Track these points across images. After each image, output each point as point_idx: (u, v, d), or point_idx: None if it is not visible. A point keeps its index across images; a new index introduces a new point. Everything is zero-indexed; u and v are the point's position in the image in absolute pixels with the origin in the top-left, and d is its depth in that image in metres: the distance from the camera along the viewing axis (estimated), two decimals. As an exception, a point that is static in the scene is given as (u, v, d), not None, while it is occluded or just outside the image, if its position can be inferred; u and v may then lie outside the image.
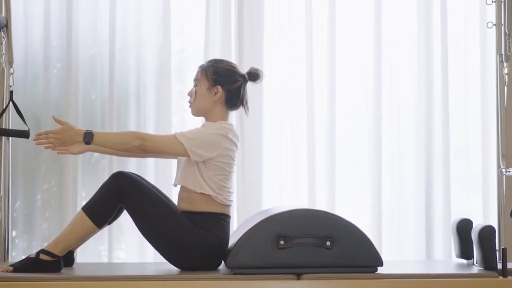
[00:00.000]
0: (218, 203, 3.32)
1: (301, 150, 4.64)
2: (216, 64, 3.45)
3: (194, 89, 3.46)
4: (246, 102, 3.49)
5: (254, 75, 3.48)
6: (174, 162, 4.54)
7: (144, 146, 3.25)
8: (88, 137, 3.23)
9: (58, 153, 3.40)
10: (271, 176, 4.64)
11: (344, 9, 4.71)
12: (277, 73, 4.67)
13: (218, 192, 3.31)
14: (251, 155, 4.55)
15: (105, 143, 3.27)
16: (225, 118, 3.44)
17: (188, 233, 3.24)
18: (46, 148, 3.32)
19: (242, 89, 3.45)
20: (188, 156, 3.27)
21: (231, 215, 3.41)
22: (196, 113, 3.48)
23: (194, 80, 3.48)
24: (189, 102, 3.48)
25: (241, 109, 3.49)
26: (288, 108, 4.65)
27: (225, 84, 3.40)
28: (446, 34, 4.66)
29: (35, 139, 3.30)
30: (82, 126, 4.57)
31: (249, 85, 3.50)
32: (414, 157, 4.67)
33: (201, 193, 3.30)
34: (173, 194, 4.38)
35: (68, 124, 3.27)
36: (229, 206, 3.37)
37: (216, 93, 3.40)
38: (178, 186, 3.42)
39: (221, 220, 3.32)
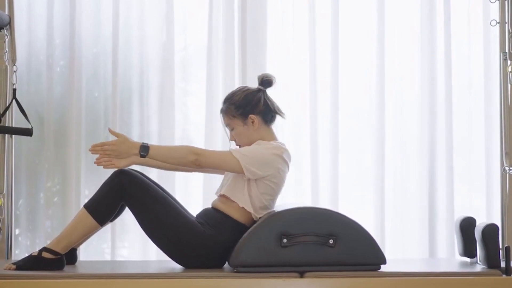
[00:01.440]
0: (251, 218, 3.32)
1: (304, 149, 4.63)
2: (232, 100, 3.42)
3: (232, 133, 3.44)
4: (279, 109, 3.48)
5: (266, 82, 3.48)
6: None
7: (199, 162, 3.23)
8: (144, 150, 3.20)
9: (104, 167, 3.28)
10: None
11: (347, 6, 4.71)
12: (280, 70, 4.66)
13: (259, 212, 3.31)
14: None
15: (160, 156, 3.24)
16: (273, 136, 3.44)
17: (191, 231, 3.23)
18: (97, 161, 3.25)
19: (267, 100, 3.44)
20: (242, 172, 3.25)
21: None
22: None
23: (225, 125, 3.45)
24: (237, 145, 3.45)
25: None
26: (291, 105, 4.64)
27: (253, 109, 3.39)
28: (449, 32, 4.65)
29: (91, 150, 3.24)
30: (85, 123, 4.58)
31: (252, 83, 3.48)
32: (417, 155, 4.66)
33: (242, 207, 3.30)
34: (176, 192, 4.39)
35: (123, 137, 3.23)
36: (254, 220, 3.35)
37: (253, 122, 3.39)
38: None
39: (238, 227, 3.31)
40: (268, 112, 3.43)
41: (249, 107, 3.39)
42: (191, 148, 3.26)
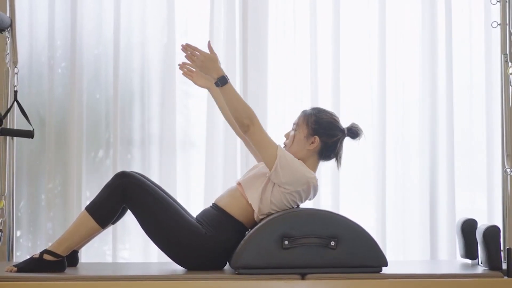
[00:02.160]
0: (252, 219, 3.32)
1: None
2: (319, 114, 3.42)
3: (292, 133, 3.43)
4: (340, 157, 3.47)
5: (353, 132, 3.45)
6: (179, 165, 4.58)
7: (248, 129, 3.23)
8: (222, 82, 3.23)
9: (183, 73, 3.47)
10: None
11: (349, 7, 4.71)
12: (282, 72, 4.67)
13: (261, 215, 3.30)
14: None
15: (228, 96, 3.24)
16: (315, 168, 3.42)
17: (192, 233, 3.23)
18: (182, 65, 3.46)
19: (339, 143, 3.43)
20: (270, 169, 3.24)
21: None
22: None
23: (294, 124, 3.46)
24: (284, 144, 3.45)
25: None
26: (293, 105, 4.64)
27: (324, 136, 3.38)
28: (450, 34, 4.65)
29: (183, 46, 3.31)
30: (86, 125, 4.58)
31: (253, 84, 3.48)
32: (419, 157, 4.66)
33: (249, 204, 3.30)
34: (177, 194, 4.39)
35: (216, 57, 3.28)
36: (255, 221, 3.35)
37: (312, 143, 3.38)
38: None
39: (237, 227, 3.31)
40: (331, 150, 3.41)
41: (323, 131, 3.38)
42: (252, 114, 3.24)
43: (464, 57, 4.72)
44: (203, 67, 3.28)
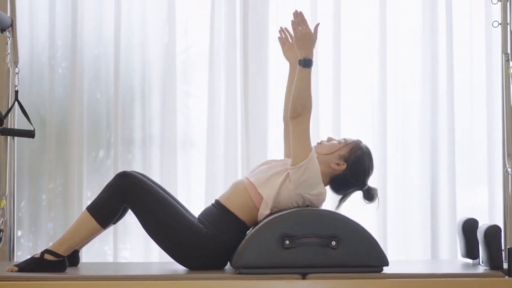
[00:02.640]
0: (254, 218, 3.32)
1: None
2: (364, 156, 3.41)
3: (336, 143, 3.42)
4: (343, 201, 3.49)
5: (369, 195, 3.45)
6: (180, 165, 4.57)
7: (298, 115, 3.21)
8: (307, 63, 3.23)
9: (278, 37, 3.50)
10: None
11: (349, 9, 4.71)
12: (283, 72, 4.66)
13: (274, 208, 3.30)
14: (256, 154, 4.54)
15: (300, 81, 3.22)
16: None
17: (193, 233, 3.23)
18: (281, 30, 3.53)
19: (350, 190, 3.44)
20: (294, 164, 3.24)
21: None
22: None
23: (344, 139, 3.45)
24: (320, 142, 3.45)
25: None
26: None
27: (350, 171, 3.38)
28: (451, 33, 4.65)
29: (296, 12, 3.33)
30: (87, 125, 4.58)
31: (254, 84, 3.46)
32: (420, 157, 4.66)
33: (251, 201, 3.30)
34: (178, 194, 4.39)
35: (316, 39, 3.28)
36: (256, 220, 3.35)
37: (338, 164, 3.37)
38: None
39: (238, 226, 3.31)
40: (341, 186, 3.43)
41: (354, 167, 3.38)
42: (309, 108, 3.23)
43: (465, 56, 4.72)
44: (299, 40, 3.27)
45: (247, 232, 3.31)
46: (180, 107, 4.67)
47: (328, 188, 3.44)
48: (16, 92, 3.88)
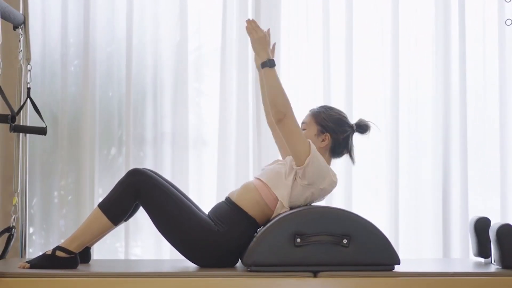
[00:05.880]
0: (265, 216, 3.31)
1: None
2: (327, 112, 3.44)
3: (303, 130, 3.44)
4: (353, 152, 3.48)
5: (363, 128, 3.47)
6: (191, 163, 4.58)
7: (282, 118, 3.23)
8: (270, 64, 3.28)
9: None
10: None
11: (362, 5, 4.70)
12: (294, 71, 4.66)
13: (283, 207, 3.29)
14: (268, 152, 4.53)
15: (270, 82, 3.28)
16: (329, 163, 3.43)
17: (205, 230, 3.23)
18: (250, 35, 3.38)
19: (349, 139, 3.45)
20: (300, 164, 3.24)
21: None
22: None
23: (302, 122, 3.47)
24: None
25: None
26: (305, 106, 4.63)
27: (334, 133, 3.41)
28: (464, 31, 4.64)
29: (248, 20, 3.37)
30: (99, 123, 4.59)
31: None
32: (432, 155, 4.65)
33: (262, 199, 3.30)
34: (189, 192, 4.39)
35: (265, 39, 3.33)
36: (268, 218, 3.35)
37: (323, 140, 3.40)
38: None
39: (249, 223, 3.31)
40: (342, 148, 3.44)
41: (333, 128, 3.40)
42: (290, 105, 3.26)
43: (478, 54, 4.71)
44: (255, 45, 3.34)
45: (258, 230, 3.30)
46: (192, 105, 4.68)
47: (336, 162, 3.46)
48: (29, 89, 3.89)
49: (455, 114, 4.63)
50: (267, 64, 3.29)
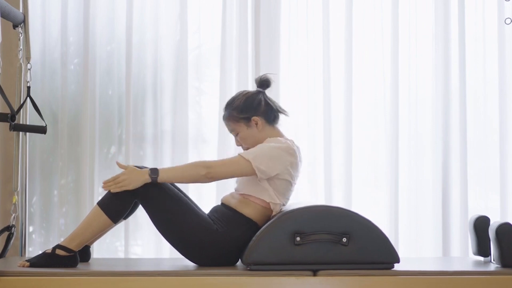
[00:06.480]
0: (263, 215, 3.33)
1: (318, 147, 4.63)
2: (233, 105, 3.45)
3: (237, 138, 3.46)
4: (280, 108, 3.50)
5: (264, 83, 3.49)
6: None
7: (211, 174, 3.25)
8: (154, 173, 3.23)
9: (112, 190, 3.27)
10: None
11: (362, 4, 4.70)
12: (294, 70, 4.66)
13: (279, 198, 3.32)
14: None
15: (171, 178, 3.27)
16: (279, 134, 3.46)
17: (204, 229, 3.24)
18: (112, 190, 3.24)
19: (268, 101, 3.46)
20: (254, 174, 3.27)
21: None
22: None
23: (230, 132, 3.48)
24: (244, 148, 3.48)
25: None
26: (305, 105, 4.65)
27: (255, 111, 3.42)
28: (463, 30, 4.64)
29: (104, 187, 3.25)
30: (98, 121, 4.60)
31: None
32: (431, 154, 4.65)
33: (260, 200, 3.32)
34: (189, 191, 4.39)
35: (130, 167, 3.25)
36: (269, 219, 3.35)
37: (256, 124, 3.41)
38: None
39: (249, 223, 3.31)
40: (271, 112, 3.45)
41: (251, 109, 3.42)
42: (201, 163, 3.27)
43: (477, 53, 4.71)
44: (132, 181, 3.22)
45: (257, 228, 3.31)
46: (192, 103, 4.68)
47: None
48: (28, 88, 3.89)
49: (455, 113, 4.63)
50: (154, 177, 3.23)
